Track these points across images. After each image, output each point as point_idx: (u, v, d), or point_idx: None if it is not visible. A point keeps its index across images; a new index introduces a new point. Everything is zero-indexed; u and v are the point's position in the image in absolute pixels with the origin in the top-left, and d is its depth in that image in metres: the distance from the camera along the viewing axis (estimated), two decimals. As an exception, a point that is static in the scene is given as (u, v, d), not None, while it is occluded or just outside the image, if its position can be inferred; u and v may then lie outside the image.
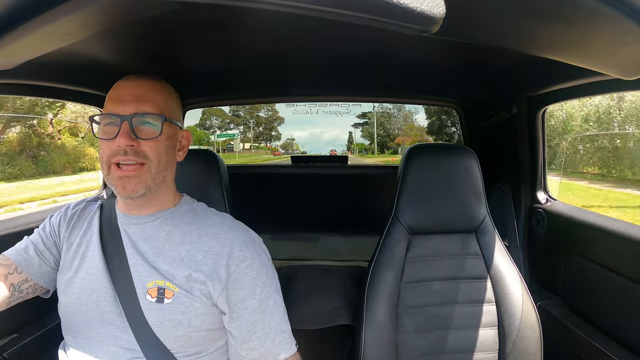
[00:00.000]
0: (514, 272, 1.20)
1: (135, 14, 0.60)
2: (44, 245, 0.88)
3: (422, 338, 1.18)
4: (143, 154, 0.78)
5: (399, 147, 15.76)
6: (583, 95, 1.17)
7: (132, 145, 0.76)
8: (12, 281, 0.81)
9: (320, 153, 17.07)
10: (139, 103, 0.78)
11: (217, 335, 0.84)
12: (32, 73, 0.99)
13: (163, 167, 0.81)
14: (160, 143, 0.80)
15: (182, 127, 0.89)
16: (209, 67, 1.25)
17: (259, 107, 16.28)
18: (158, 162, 0.80)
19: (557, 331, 1.21)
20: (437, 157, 1.28)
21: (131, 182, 0.77)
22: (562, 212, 1.34)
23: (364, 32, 0.87)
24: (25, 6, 0.50)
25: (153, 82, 0.84)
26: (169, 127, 0.82)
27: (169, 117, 0.81)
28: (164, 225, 0.85)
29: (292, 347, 0.87)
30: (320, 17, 0.39)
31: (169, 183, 0.87)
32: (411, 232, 1.24)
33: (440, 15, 0.39)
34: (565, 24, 0.54)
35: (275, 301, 0.87)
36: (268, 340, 0.83)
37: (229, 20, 0.84)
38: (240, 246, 0.84)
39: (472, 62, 1.16)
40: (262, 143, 17.90)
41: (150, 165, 0.79)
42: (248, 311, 0.82)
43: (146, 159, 0.78)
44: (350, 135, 17.07)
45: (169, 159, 0.83)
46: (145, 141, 0.78)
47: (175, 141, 0.86)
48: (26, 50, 0.64)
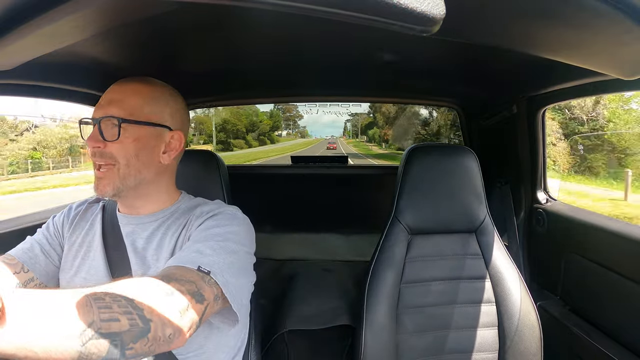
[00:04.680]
0: (513, 272, 1.20)
1: (135, 14, 0.60)
2: (50, 245, 0.89)
3: (422, 338, 1.18)
4: (110, 155, 0.80)
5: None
6: (583, 95, 1.17)
7: (98, 147, 0.80)
8: (19, 280, 0.82)
9: (321, 136, 22.82)
10: (109, 106, 0.80)
11: (219, 333, 0.85)
12: (32, 73, 0.99)
13: (135, 168, 0.82)
14: (126, 145, 0.80)
15: (171, 129, 0.87)
16: (208, 67, 1.26)
17: (290, 109, 21.50)
18: (127, 164, 0.81)
19: (557, 331, 1.21)
20: (437, 157, 1.28)
21: (101, 183, 0.81)
22: (562, 212, 1.34)
23: (364, 33, 0.87)
24: (25, 7, 0.50)
25: (137, 85, 0.84)
26: (136, 130, 0.81)
27: (133, 119, 0.81)
28: (163, 225, 0.86)
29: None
30: (319, 17, 0.39)
31: (160, 183, 0.88)
32: (411, 232, 1.24)
33: (441, 16, 0.38)
34: (565, 24, 0.54)
35: (230, 248, 0.76)
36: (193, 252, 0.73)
37: (228, 21, 0.84)
38: (209, 205, 0.88)
39: (472, 62, 1.16)
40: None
41: (118, 166, 0.80)
42: (193, 237, 0.79)
43: (113, 159, 0.80)
44: (345, 124, 23.21)
45: (145, 161, 0.83)
46: (111, 143, 0.80)
47: (154, 143, 0.84)
48: (26, 50, 0.64)
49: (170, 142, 0.87)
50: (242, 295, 0.76)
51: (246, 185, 1.43)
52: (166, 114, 0.86)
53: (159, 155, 0.86)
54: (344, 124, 23.46)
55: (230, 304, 0.70)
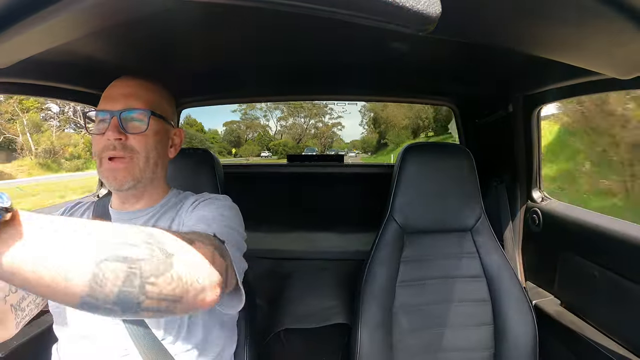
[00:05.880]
0: (509, 271, 1.21)
1: (131, 12, 0.60)
2: None
3: (417, 337, 1.18)
4: (131, 147, 0.81)
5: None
6: (579, 94, 1.17)
7: (120, 139, 0.79)
8: (11, 302, 0.77)
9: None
10: (127, 100, 0.81)
11: (210, 329, 0.85)
12: (28, 72, 0.99)
13: (153, 161, 0.84)
14: (148, 138, 0.82)
15: (174, 125, 0.92)
16: (204, 66, 1.25)
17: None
18: (147, 156, 0.82)
19: (552, 329, 1.21)
20: (432, 156, 1.28)
21: (119, 174, 0.80)
22: (557, 210, 1.35)
23: (359, 32, 0.87)
24: (20, 4, 0.49)
25: (144, 82, 0.87)
26: (157, 123, 0.84)
27: (158, 113, 0.84)
28: (152, 219, 0.87)
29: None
30: (315, 15, 0.39)
31: (160, 179, 0.90)
32: (406, 231, 1.24)
33: (436, 15, 0.38)
34: (561, 23, 0.54)
35: (225, 223, 0.77)
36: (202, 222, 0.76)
37: (225, 20, 0.84)
38: (199, 195, 0.90)
39: (468, 61, 1.16)
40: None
41: (138, 158, 0.82)
42: (193, 217, 0.80)
43: (134, 152, 0.81)
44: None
45: (159, 155, 0.86)
46: (133, 135, 0.81)
47: (166, 138, 0.89)
48: (21, 48, 0.64)
49: (173, 138, 0.92)
50: (241, 275, 0.74)
51: (242, 184, 1.43)
52: (170, 111, 0.91)
53: (168, 150, 0.90)
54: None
55: (237, 279, 0.67)
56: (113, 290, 0.41)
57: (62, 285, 0.38)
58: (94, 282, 0.40)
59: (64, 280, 0.38)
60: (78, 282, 0.39)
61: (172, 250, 0.47)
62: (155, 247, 0.46)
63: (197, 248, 0.53)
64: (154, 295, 0.44)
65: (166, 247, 0.47)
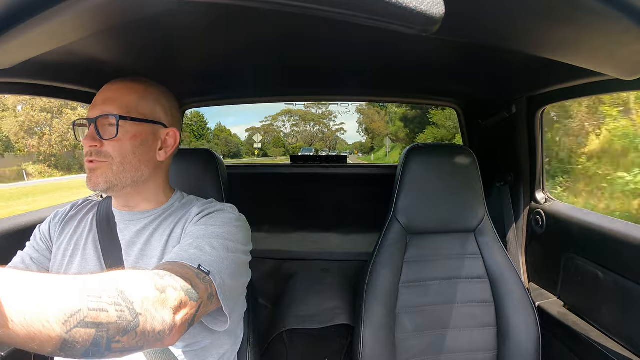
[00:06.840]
0: (512, 272, 1.20)
1: (134, 13, 0.60)
2: (38, 252, 0.90)
3: (420, 338, 1.18)
4: (105, 153, 0.81)
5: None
6: (582, 95, 1.17)
7: (94, 146, 0.80)
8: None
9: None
10: (104, 105, 0.81)
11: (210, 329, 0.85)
12: (31, 72, 0.99)
13: (131, 165, 0.83)
14: (122, 142, 0.81)
15: (167, 126, 0.88)
16: (204, 66, 1.25)
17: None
18: (121, 161, 0.81)
19: (555, 331, 1.21)
20: (435, 157, 1.28)
21: (93, 175, 0.81)
22: (561, 212, 1.34)
23: (362, 32, 0.87)
24: (23, 5, 0.50)
25: (130, 84, 0.85)
26: (133, 127, 0.82)
27: (133, 116, 0.82)
28: (154, 222, 0.87)
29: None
30: (318, 16, 0.39)
31: (156, 182, 0.90)
32: (409, 231, 1.24)
33: (440, 15, 0.38)
34: (564, 24, 0.54)
35: (229, 247, 0.77)
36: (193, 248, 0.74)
37: (226, 20, 0.84)
38: (204, 204, 0.89)
39: (472, 61, 1.16)
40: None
41: (112, 163, 0.81)
42: (192, 234, 0.79)
43: (108, 157, 0.81)
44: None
45: (140, 158, 0.84)
46: (108, 141, 0.80)
47: (152, 140, 0.86)
48: (25, 49, 0.64)
49: (165, 139, 0.88)
50: (236, 296, 0.77)
51: (245, 185, 1.43)
52: (160, 111, 0.88)
53: (156, 152, 0.87)
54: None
55: (222, 305, 0.70)
56: (80, 350, 0.45)
57: (35, 347, 0.41)
58: (64, 345, 0.43)
59: (37, 345, 0.41)
60: (47, 347, 0.42)
61: (140, 309, 0.51)
62: (125, 307, 0.50)
63: (167, 297, 0.56)
64: (118, 349, 0.49)
65: (135, 306, 0.51)
